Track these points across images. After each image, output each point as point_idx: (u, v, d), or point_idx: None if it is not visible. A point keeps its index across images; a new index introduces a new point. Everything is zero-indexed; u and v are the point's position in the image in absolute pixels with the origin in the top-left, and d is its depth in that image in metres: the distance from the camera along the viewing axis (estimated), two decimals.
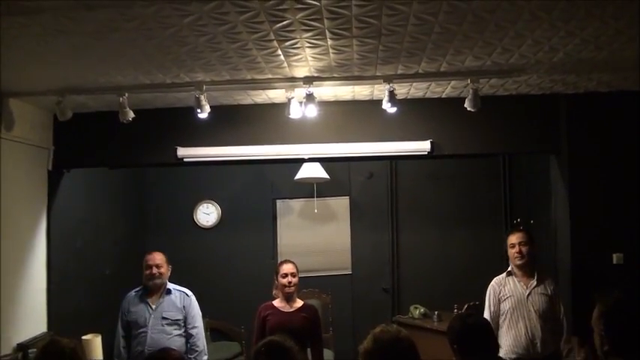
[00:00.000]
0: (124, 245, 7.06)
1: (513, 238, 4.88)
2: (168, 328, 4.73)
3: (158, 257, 4.82)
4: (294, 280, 4.78)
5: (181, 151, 5.44)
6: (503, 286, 4.86)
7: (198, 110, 4.53)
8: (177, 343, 4.67)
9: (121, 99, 4.59)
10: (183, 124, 5.37)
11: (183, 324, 4.80)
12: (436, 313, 6.82)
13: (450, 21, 3.33)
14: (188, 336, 4.80)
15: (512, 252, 4.86)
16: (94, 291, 6.09)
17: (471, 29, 3.47)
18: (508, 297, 4.80)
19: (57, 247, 5.42)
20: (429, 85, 4.91)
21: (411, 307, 7.14)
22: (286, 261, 4.91)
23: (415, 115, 5.40)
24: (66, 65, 4.02)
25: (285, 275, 4.78)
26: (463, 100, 4.61)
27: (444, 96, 5.29)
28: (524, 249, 4.80)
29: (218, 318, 7.56)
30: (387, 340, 2.54)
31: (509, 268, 4.93)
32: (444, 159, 6.48)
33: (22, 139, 4.94)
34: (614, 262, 5.12)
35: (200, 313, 4.94)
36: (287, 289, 4.76)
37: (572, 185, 5.27)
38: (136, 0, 2.90)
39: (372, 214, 7.97)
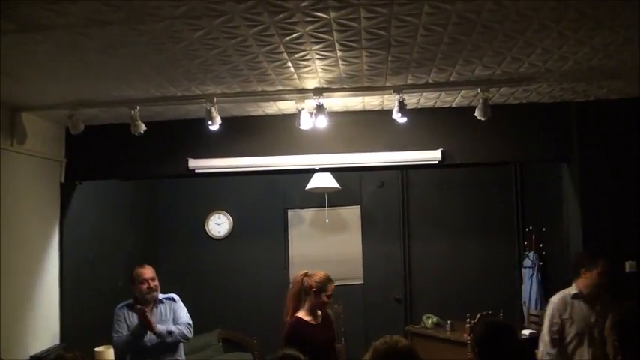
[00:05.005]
0: (136, 256, 7.06)
1: (606, 267, 4.49)
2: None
3: (151, 271, 4.79)
4: None
5: (193, 163, 5.47)
6: (569, 308, 4.55)
7: (209, 122, 4.56)
8: (172, 346, 4.74)
9: (132, 112, 4.63)
10: (194, 136, 5.40)
11: None
12: (449, 322, 6.81)
13: (458, 32, 3.34)
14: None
15: (596, 279, 4.47)
16: (106, 302, 6.08)
17: (480, 39, 3.48)
18: (574, 321, 4.51)
19: (69, 259, 5.46)
20: (439, 94, 4.92)
21: (424, 317, 7.13)
22: (331, 280, 4.52)
23: (425, 125, 5.40)
24: (78, 79, 4.06)
25: (331, 295, 4.63)
26: (473, 109, 4.60)
27: (454, 105, 5.30)
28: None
29: (230, 328, 7.57)
30: (383, 350, 2.56)
31: (574, 290, 4.56)
32: (455, 168, 6.48)
33: (34, 153, 4.99)
34: (627, 269, 5.10)
35: (185, 309, 4.92)
36: (327, 306, 4.65)
37: (583, 193, 5.26)
38: (147, 15, 2.94)
39: (383, 223, 7.96)
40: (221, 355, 7.32)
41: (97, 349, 5.18)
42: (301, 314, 4.37)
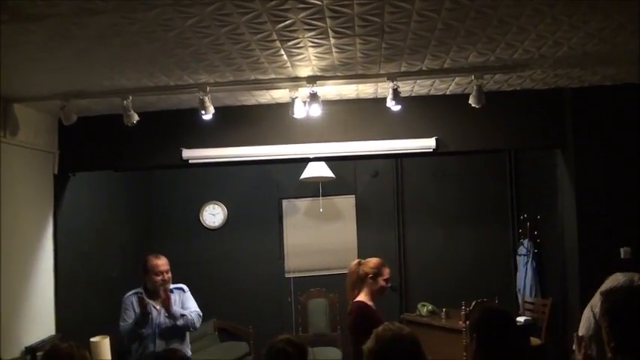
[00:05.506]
0: (131, 247, 7.06)
1: None
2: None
3: (166, 262, 4.82)
4: None
5: (186, 153, 5.45)
6: None
7: (203, 112, 4.54)
8: (180, 334, 4.79)
9: (125, 102, 4.60)
10: (187, 126, 5.37)
11: None
12: (444, 310, 6.82)
13: (452, 17, 3.32)
14: None
15: None
16: (101, 293, 6.10)
17: (474, 25, 3.46)
18: None
19: (64, 250, 5.43)
20: (433, 82, 4.90)
21: (419, 305, 7.14)
22: (384, 264, 4.58)
23: (420, 113, 5.39)
24: (70, 70, 4.03)
25: (388, 279, 4.60)
26: (467, 96, 4.60)
27: (448, 93, 5.28)
28: None
29: (226, 318, 7.58)
30: (388, 338, 2.54)
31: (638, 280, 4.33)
32: (450, 156, 6.48)
33: (27, 144, 4.96)
34: (622, 256, 5.09)
35: (193, 300, 4.95)
36: (386, 290, 4.63)
37: (578, 180, 5.26)
38: (138, 3, 2.91)
39: (377, 212, 7.96)
40: (217, 344, 7.32)
41: (92, 339, 5.16)
42: (365, 299, 4.47)
